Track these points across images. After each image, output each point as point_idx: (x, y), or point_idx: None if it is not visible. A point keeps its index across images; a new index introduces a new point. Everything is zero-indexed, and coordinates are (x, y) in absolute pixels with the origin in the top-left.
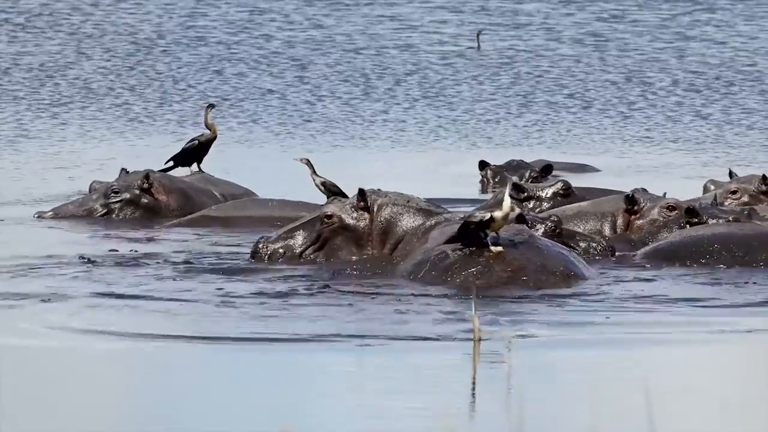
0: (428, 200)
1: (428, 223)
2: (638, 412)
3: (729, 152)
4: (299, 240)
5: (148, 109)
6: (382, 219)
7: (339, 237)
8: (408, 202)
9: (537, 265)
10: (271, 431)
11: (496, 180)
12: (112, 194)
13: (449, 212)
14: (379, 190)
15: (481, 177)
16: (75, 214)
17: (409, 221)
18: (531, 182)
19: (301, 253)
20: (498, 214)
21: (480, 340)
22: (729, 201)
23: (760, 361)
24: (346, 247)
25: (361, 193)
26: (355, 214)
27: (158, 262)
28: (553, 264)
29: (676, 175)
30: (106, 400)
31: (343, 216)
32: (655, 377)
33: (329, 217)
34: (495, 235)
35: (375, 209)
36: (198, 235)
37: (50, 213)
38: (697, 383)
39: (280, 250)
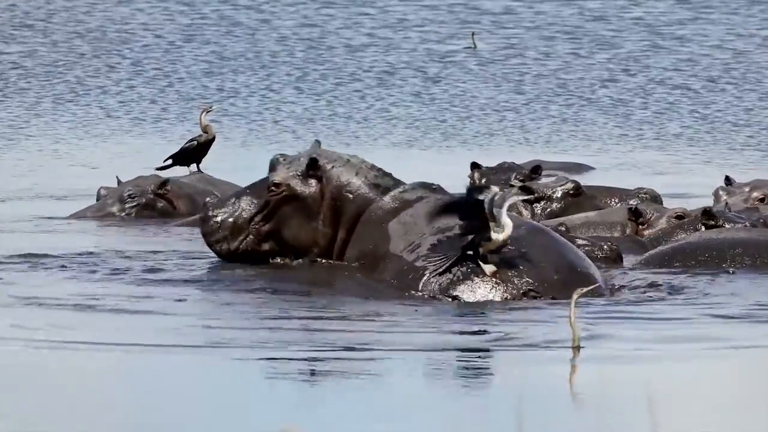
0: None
1: (392, 204)
2: (641, 420)
3: (713, 149)
4: (246, 206)
5: (146, 108)
6: (332, 189)
7: (288, 206)
8: (362, 164)
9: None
10: (271, 431)
11: (482, 183)
12: (128, 199)
13: (404, 183)
14: (323, 148)
15: (469, 179)
16: (93, 219)
17: (365, 196)
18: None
19: (250, 219)
20: (500, 237)
21: (579, 347)
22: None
23: (764, 369)
24: (296, 217)
25: (313, 161)
26: (304, 183)
27: (158, 264)
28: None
29: (672, 174)
30: (107, 403)
31: (291, 184)
32: (662, 386)
33: (277, 185)
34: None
35: (324, 179)
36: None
37: (68, 220)
38: (703, 392)
39: (229, 220)
